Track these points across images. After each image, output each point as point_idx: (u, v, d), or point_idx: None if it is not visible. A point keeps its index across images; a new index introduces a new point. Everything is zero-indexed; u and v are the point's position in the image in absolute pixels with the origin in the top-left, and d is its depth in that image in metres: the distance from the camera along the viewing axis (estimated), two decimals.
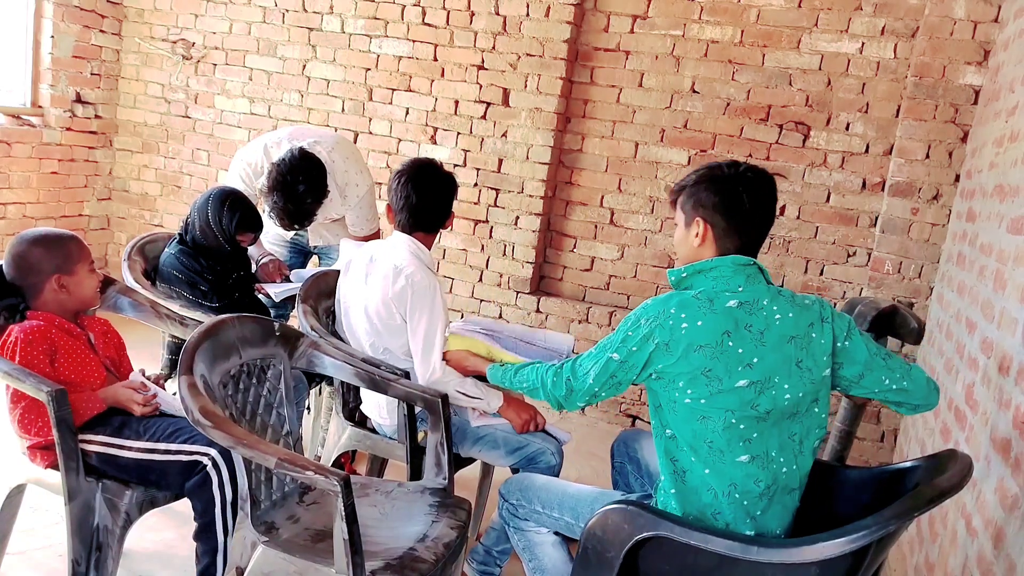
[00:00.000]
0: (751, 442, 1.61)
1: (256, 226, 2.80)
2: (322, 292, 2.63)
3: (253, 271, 3.01)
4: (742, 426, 1.60)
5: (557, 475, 2.31)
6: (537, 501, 1.92)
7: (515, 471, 2.46)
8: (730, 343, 1.59)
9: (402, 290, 2.26)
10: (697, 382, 1.59)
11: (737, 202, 1.64)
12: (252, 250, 3.08)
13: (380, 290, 2.32)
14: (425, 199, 2.33)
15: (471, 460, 2.55)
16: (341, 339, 2.49)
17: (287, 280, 3.05)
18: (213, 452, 1.91)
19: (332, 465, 2.50)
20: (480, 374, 2.23)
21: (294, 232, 3.29)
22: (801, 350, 1.63)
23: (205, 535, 1.92)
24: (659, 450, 1.72)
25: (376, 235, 3.31)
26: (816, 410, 1.68)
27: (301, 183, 2.79)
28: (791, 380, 1.62)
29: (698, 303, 1.62)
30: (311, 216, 2.91)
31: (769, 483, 1.63)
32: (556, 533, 1.94)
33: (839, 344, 1.68)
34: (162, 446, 1.96)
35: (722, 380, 1.58)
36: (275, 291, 2.91)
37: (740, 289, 1.63)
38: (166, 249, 2.79)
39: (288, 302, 3.02)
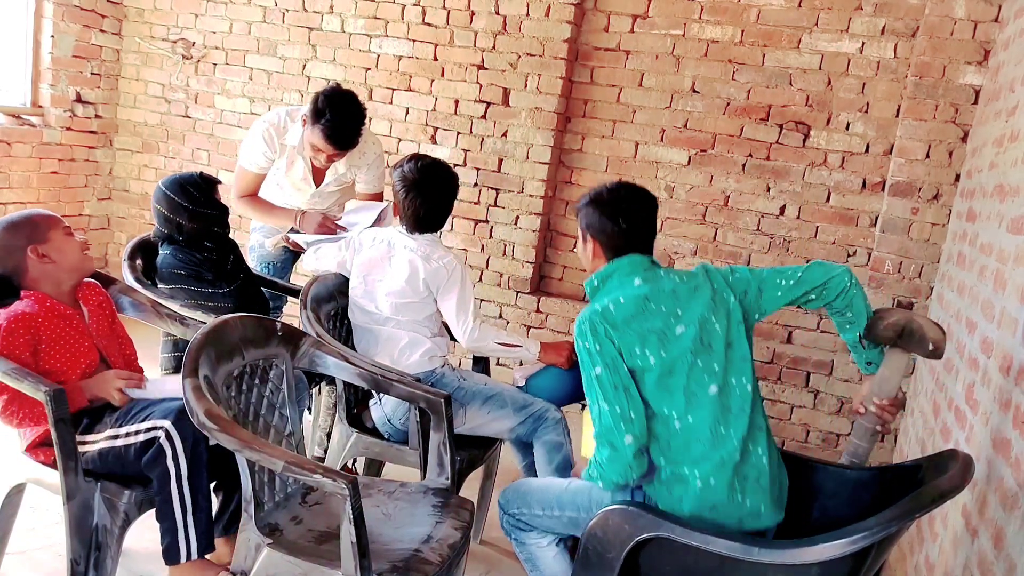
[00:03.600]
0: (714, 405, 1.75)
1: (212, 176, 2.83)
2: (321, 297, 2.61)
3: (243, 261, 3.00)
4: (705, 376, 1.76)
5: (569, 439, 2.48)
6: (537, 505, 1.93)
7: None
8: (652, 305, 1.80)
9: (436, 271, 2.45)
10: (648, 341, 1.77)
11: (614, 222, 1.89)
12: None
13: (405, 273, 2.46)
14: (430, 206, 2.49)
15: (478, 463, 2.54)
16: (342, 340, 2.49)
17: (331, 233, 2.99)
18: (167, 424, 1.89)
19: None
20: None
21: (291, 231, 3.27)
22: (708, 290, 1.84)
23: (163, 512, 1.91)
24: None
25: (380, 196, 3.34)
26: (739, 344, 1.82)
27: (351, 103, 2.92)
28: (717, 314, 1.81)
29: (612, 293, 1.83)
30: (356, 138, 2.99)
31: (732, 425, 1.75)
32: (558, 543, 1.97)
33: (728, 279, 1.87)
34: (123, 430, 1.95)
35: (665, 333, 1.78)
36: (305, 240, 2.89)
37: (640, 278, 1.86)
38: (160, 252, 2.76)
39: (281, 300, 3.06)
